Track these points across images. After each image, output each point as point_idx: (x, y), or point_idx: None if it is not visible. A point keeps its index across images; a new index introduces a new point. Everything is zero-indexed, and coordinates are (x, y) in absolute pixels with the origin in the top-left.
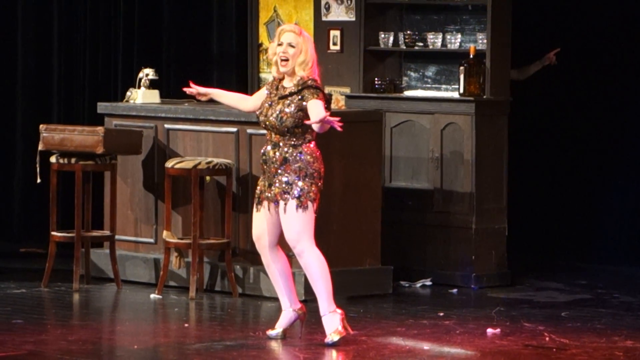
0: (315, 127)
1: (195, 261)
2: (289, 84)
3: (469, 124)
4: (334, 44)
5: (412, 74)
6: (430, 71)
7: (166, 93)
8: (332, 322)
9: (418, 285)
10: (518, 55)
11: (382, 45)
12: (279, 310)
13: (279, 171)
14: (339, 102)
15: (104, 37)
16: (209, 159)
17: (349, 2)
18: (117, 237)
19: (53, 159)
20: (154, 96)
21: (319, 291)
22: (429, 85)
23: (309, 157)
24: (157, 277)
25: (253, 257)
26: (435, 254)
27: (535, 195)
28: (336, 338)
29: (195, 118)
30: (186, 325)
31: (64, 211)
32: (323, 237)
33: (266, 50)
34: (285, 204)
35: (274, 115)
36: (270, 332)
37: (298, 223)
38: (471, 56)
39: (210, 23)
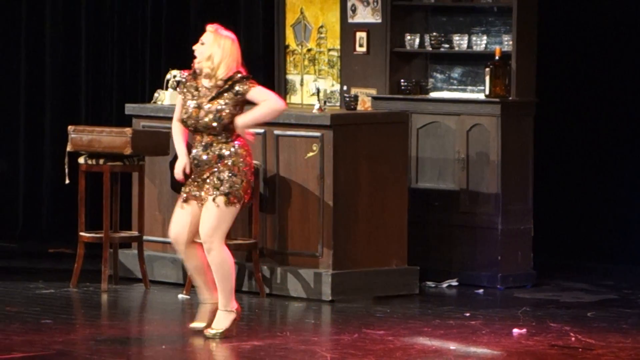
0: (239, 130)
1: None
2: (209, 84)
3: (495, 125)
4: (360, 45)
5: (438, 75)
6: (456, 73)
7: None
8: (224, 319)
9: (444, 285)
10: (544, 56)
11: (408, 47)
12: (305, 309)
13: (214, 168)
14: (365, 103)
15: (131, 39)
16: None
17: (375, 4)
18: (145, 237)
19: (81, 160)
20: None
21: (221, 288)
22: (454, 87)
23: (242, 150)
24: (185, 277)
25: (280, 258)
26: (461, 255)
27: (561, 196)
28: (217, 336)
29: None
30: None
31: (92, 212)
32: (350, 238)
33: (293, 52)
34: (213, 199)
35: (210, 115)
36: (193, 325)
37: (217, 219)
38: (497, 58)
39: (238, 25)
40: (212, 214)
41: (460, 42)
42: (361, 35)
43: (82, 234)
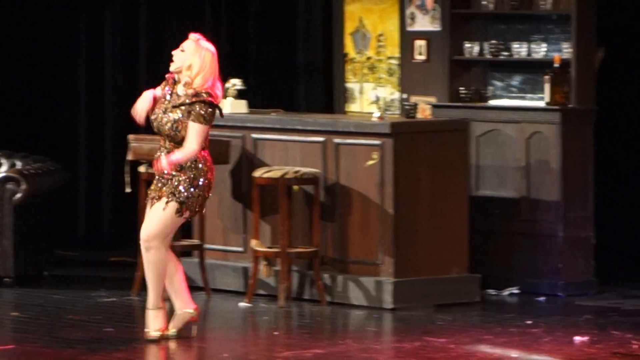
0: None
1: (284, 270)
2: (182, 92)
3: (555, 132)
4: (420, 53)
5: (498, 83)
6: (516, 80)
7: (253, 103)
8: (156, 318)
9: (505, 293)
10: (603, 63)
11: (467, 55)
12: (366, 317)
13: (173, 174)
14: (425, 111)
15: None
16: (297, 168)
17: (435, 11)
18: (206, 246)
19: (142, 169)
20: (241, 106)
21: (151, 287)
22: (514, 95)
23: (203, 165)
24: (246, 285)
25: (341, 266)
26: (522, 262)
27: (622, 203)
28: (157, 335)
29: (283, 128)
30: (275, 333)
31: None
32: (411, 246)
33: (352, 60)
34: (166, 203)
35: (169, 124)
36: (167, 333)
37: (163, 223)
38: (556, 65)
39: (296, 33)
40: (159, 217)
41: (520, 49)
42: (420, 43)
43: None
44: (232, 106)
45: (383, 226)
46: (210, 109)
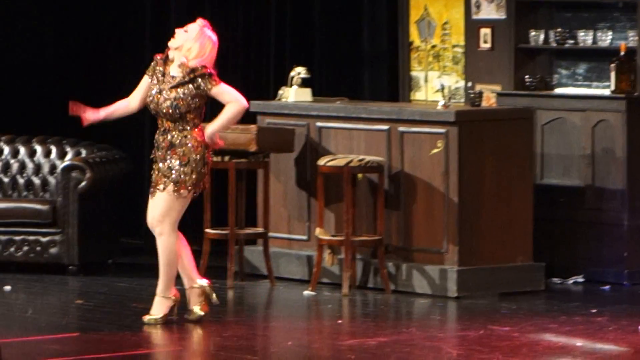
0: (207, 138)
1: (348, 258)
2: (176, 72)
3: (621, 120)
4: (485, 42)
5: (563, 71)
6: (581, 68)
7: (318, 91)
8: (161, 305)
9: (570, 282)
10: None
11: (532, 43)
12: (430, 306)
13: (166, 156)
14: (490, 99)
15: (255, 36)
16: (361, 157)
17: (500, 0)
18: (270, 234)
19: None
20: (306, 94)
21: (161, 273)
22: (579, 83)
23: (193, 141)
24: (310, 273)
25: (406, 254)
26: (587, 251)
27: None
28: (153, 320)
29: (347, 116)
30: (339, 321)
31: (217, 209)
32: (475, 234)
33: (417, 48)
34: (162, 187)
35: (168, 102)
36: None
37: (166, 206)
38: (622, 53)
39: (361, 22)
40: (161, 201)
41: (585, 37)
42: (485, 32)
43: (207, 230)
44: (296, 94)
45: (447, 214)
46: (212, 78)
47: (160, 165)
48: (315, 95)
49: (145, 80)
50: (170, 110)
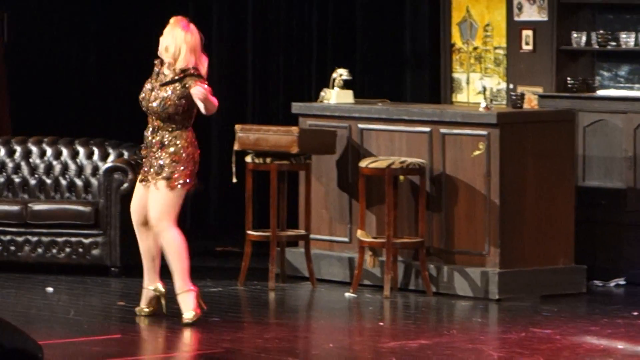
0: (200, 106)
1: (389, 260)
2: (168, 72)
3: None
4: (527, 43)
5: (605, 73)
6: (623, 70)
7: (360, 93)
8: (187, 300)
9: (612, 284)
10: None
11: (574, 45)
12: (472, 308)
13: (157, 155)
14: (531, 101)
15: (297, 38)
16: (403, 159)
17: (542, 1)
18: (311, 236)
19: (248, 159)
20: (347, 96)
21: (174, 270)
22: (621, 85)
23: (183, 141)
24: (352, 275)
25: (447, 256)
26: (629, 253)
27: None
28: (191, 315)
29: (389, 118)
30: (381, 323)
31: (259, 210)
32: (517, 237)
33: (459, 50)
34: (155, 184)
35: (157, 101)
36: (138, 309)
37: (162, 203)
38: None
39: (403, 23)
40: (157, 198)
41: (628, 39)
42: (527, 33)
43: (249, 232)
44: (338, 96)
45: (489, 216)
46: (200, 80)
47: (153, 162)
48: (357, 97)
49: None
50: (159, 109)
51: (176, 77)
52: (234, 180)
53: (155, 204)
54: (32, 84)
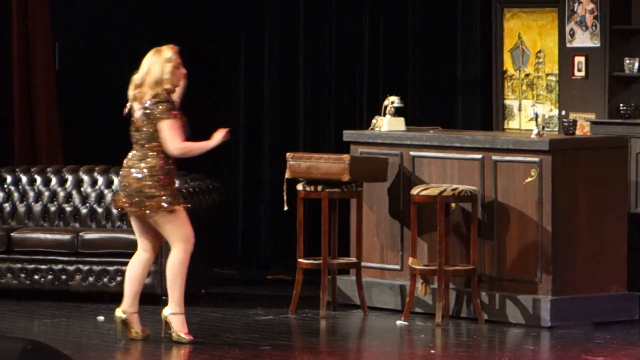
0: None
1: (441, 288)
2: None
3: None
4: (579, 70)
5: None
6: None
7: (411, 120)
8: (181, 322)
9: None
10: None
11: (627, 71)
12: (524, 336)
13: (163, 180)
14: (583, 128)
15: (349, 65)
16: (454, 186)
17: (594, 28)
18: (363, 263)
19: (300, 187)
20: (399, 124)
21: (174, 290)
22: None
23: (153, 160)
24: (403, 303)
25: (499, 284)
26: None
27: None
28: (184, 339)
29: (441, 145)
30: (432, 351)
31: (310, 238)
32: (569, 264)
33: (511, 77)
34: (160, 214)
35: (134, 128)
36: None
37: (175, 227)
38: None
39: (455, 51)
40: (169, 227)
41: None
42: (579, 60)
43: (300, 260)
44: (389, 124)
45: (541, 243)
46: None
47: (139, 196)
48: (409, 124)
49: None
50: (137, 135)
51: (148, 105)
52: (285, 208)
53: (171, 232)
54: (83, 112)
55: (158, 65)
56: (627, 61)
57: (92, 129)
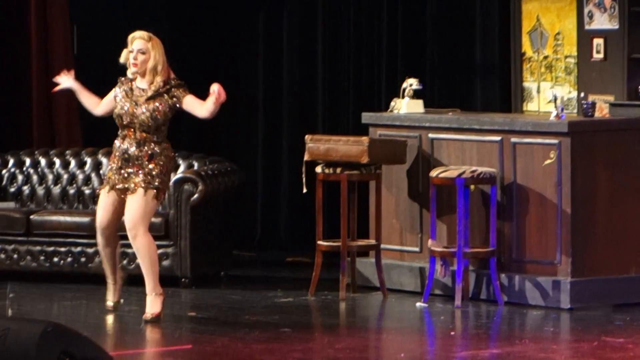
0: (206, 108)
1: (460, 270)
2: (144, 85)
3: None
4: (598, 52)
5: None
6: None
7: (430, 102)
8: (156, 303)
9: None
10: None
11: None
12: (543, 318)
13: (145, 165)
14: (602, 110)
15: (367, 48)
16: (473, 168)
17: (612, 10)
18: (382, 246)
19: (318, 169)
20: (417, 106)
21: (148, 272)
22: None
23: (169, 152)
24: (423, 285)
25: (518, 265)
26: None
27: None
28: (155, 319)
29: (459, 127)
30: (452, 333)
31: (329, 220)
32: (588, 245)
33: (529, 59)
34: (145, 191)
35: (147, 114)
36: (107, 304)
37: (143, 210)
38: None
39: (473, 33)
40: (141, 205)
41: None
42: (598, 42)
43: (319, 242)
44: (408, 106)
45: (560, 225)
46: (184, 88)
47: (140, 173)
48: (427, 107)
49: (111, 95)
50: (150, 122)
51: (162, 90)
52: (304, 190)
53: (136, 210)
54: (101, 95)
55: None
56: None
57: None
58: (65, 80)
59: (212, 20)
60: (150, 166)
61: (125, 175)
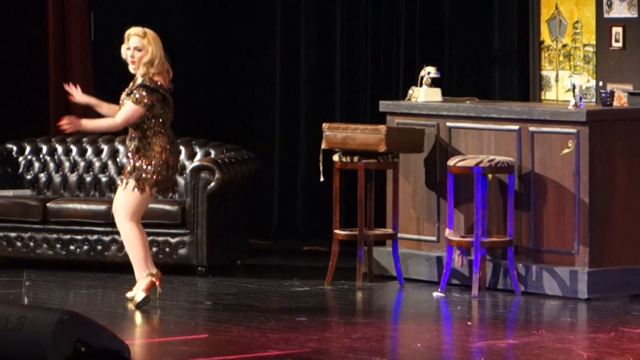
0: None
1: (477, 259)
2: (139, 80)
3: None
4: (616, 40)
5: None
6: None
7: (448, 91)
8: (140, 284)
9: None
10: None
11: None
12: (561, 308)
13: (135, 158)
14: (621, 99)
15: (385, 36)
16: (491, 157)
17: None
18: (399, 235)
19: (336, 158)
20: (435, 94)
21: (131, 257)
22: None
23: (157, 147)
24: (440, 275)
25: (535, 255)
26: None
27: None
28: (140, 297)
29: (477, 116)
30: (469, 323)
31: (346, 209)
32: (606, 235)
33: (548, 47)
34: (126, 182)
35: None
36: (128, 294)
37: (123, 199)
38: None
39: (492, 21)
40: (123, 195)
41: None
42: (617, 30)
43: (336, 231)
44: (426, 94)
45: (578, 215)
46: (144, 92)
47: (128, 166)
48: (445, 95)
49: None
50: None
51: (133, 87)
52: (322, 179)
53: (117, 199)
54: (118, 82)
55: None
56: None
57: None
58: (79, 96)
59: (230, 6)
60: (134, 159)
61: (128, 169)
